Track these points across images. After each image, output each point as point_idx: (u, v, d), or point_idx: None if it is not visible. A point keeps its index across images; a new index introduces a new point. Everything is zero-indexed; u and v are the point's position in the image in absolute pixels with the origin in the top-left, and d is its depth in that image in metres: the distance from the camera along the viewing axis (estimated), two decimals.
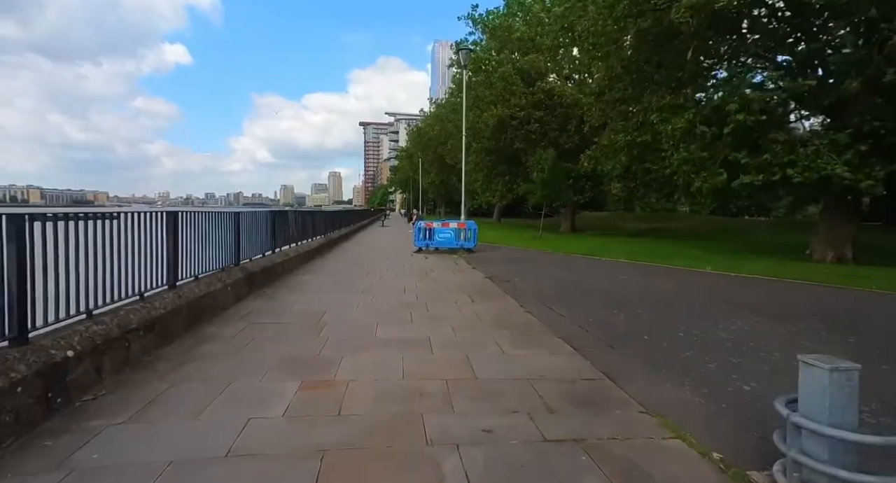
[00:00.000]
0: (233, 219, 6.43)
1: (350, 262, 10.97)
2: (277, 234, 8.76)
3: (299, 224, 10.82)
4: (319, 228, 13.38)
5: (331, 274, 9.00)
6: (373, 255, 12.65)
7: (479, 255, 12.85)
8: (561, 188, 18.80)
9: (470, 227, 13.55)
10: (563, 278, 8.79)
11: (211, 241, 5.61)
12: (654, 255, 12.33)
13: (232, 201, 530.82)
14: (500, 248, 15.43)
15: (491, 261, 11.67)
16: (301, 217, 11.13)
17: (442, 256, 12.73)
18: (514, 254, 13.59)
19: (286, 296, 6.63)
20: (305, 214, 11.68)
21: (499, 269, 10.15)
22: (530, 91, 21.39)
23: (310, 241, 11.73)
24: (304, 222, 11.35)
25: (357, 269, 9.69)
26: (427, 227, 13.59)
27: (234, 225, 6.45)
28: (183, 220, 4.88)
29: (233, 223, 6.40)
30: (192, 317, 4.60)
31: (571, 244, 16.09)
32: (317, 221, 12.90)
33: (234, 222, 6.45)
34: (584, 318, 5.56)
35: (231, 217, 6.39)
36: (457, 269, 10.25)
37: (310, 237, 11.93)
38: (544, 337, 4.76)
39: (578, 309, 6.12)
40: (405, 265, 10.65)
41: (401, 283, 8.01)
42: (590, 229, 26.64)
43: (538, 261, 11.74)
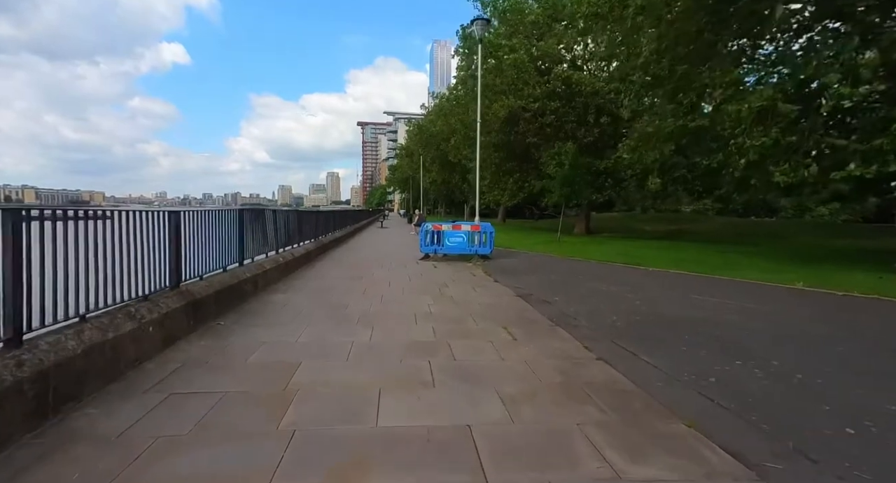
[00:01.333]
0: (170, 221, 4.44)
1: (344, 274, 8.98)
2: (248, 241, 6.77)
3: (282, 227, 8.83)
4: (308, 232, 11.39)
5: (318, 291, 7.00)
6: (372, 264, 10.66)
7: (498, 263, 10.88)
8: (582, 186, 16.84)
9: (485, 230, 11.59)
10: (619, 298, 6.82)
11: (124, 255, 3.62)
12: (708, 264, 10.36)
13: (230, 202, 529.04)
14: (518, 253, 13.47)
15: (514, 271, 9.70)
16: (285, 218, 9.14)
17: (454, 265, 10.76)
18: (538, 261, 11.62)
19: (247, 332, 4.64)
20: (290, 215, 9.69)
21: (528, 282, 8.18)
22: (545, 80, 19.44)
23: (296, 248, 9.74)
24: (289, 224, 9.36)
25: (352, 285, 7.70)
26: (435, 230, 11.61)
27: (172, 230, 4.45)
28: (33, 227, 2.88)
29: (169, 227, 4.41)
30: (49, 396, 2.59)
31: (597, 249, 14.12)
32: (305, 223, 10.91)
33: (172, 225, 4.46)
34: (698, 375, 3.60)
35: (167, 219, 4.40)
36: (476, 282, 8.27)
37: (296, 242, 9.95)
38: (660, 421, 2.80)
39: (675, 355, 4.15)
40: (412, 277, 8.67)
41: (409, 306, 6.03)
42: (605, 231, 24.70)
43: (571, 270, 9.78)
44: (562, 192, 16.14)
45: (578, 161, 16.26)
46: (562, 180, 16.05)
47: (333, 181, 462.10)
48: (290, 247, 9.43)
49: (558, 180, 16.22)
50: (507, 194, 23.84)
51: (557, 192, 16.32)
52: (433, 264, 10.77)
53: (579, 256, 12.10)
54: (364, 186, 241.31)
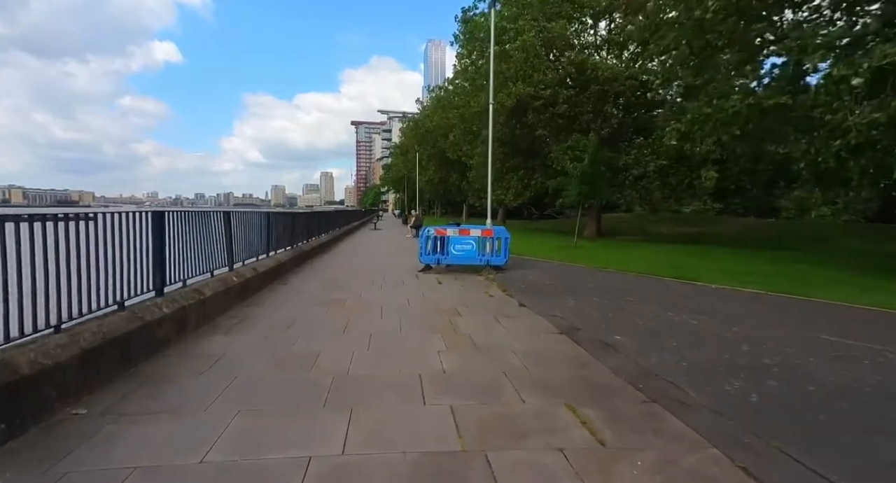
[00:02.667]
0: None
1: (322, 296, 6.90)
2: (175, 256, 4.67)
3: (241, 234, 6.73)
4: (283, 237, 9.29)
5: (279, 328, 4.92)
6: (361, 279, 8.59)
7: (516, 277, 8.86)
8: (602, 183, 14.85)
9: (499, 236, 9.56)
10: (713, 339, 4.82)
11: None
12: (781, 279, 8.37)
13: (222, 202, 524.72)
14: (534, 262, 11.44)
15: (539, 288, 7.68)
16: (245, 223, 7.03)
17: (462, 279, 8.72)
18: (563, 273, 9.59)
19: (118, 436, 2.56)
20: (254, 218, 7.56)
21: (565, 307, 6.17)
22: (556, 65, 17.46)
23: (262, 260, 7.64)
24: (251, 231, 7.25)
25: (331, 314, 5.64)
26: (438, 236, 9.55)
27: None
28: None
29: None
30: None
31: (626, 256, 12.13)
32: (278, 227, 8.80)
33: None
34: None
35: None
36: (496, 307, 6.23)
37: (264, 252, 7.86)
38: None
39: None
40: (412, 300, 6.61)
41: (410, 358, 3.99)
42: (617, 234, 22.76)
43: (612, 288, 7.74)
44: (580, 190, 14.14)
45: (599, 155, 14.25)
46: (580, 177, 14.05)
47: (327, 181, 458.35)
48: (254, 259, 7.33)
49: (576, 177, 14.22)
50: (512, 193, 21.83)
51: (575, 191, 14.31)
52: (436, 278, 8.72)
53: (611, 267, 10.09)
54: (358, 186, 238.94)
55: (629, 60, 17.39)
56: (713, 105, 9.65)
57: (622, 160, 16.11)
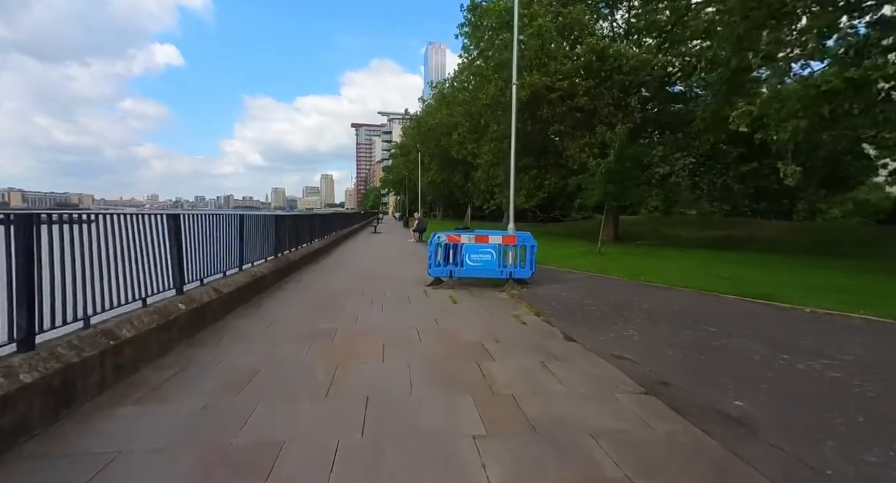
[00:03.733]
0: None
1: (302, 328, 5.30)
2: (69, 279, 3.07)
3: (197, 244, 5.11)
4: (259, 247, 7.69)
5: (229, 389, 3.30)
6: (355, 298, 7.00)
7: (546, 293, 7.27)
8: (631, 181, 13.22)
9: (523, 243, 7.96)
10: (890, 404, 3.21)
11: None
12: (867, 294, 6.78)
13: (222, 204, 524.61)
14: (560, 273, 9.83)
15: (583, 312, 6.07)
16: (206, 229, 5.41)
17: (481, 296, 7.13)
18: (602, 288, 7.98)
19: None
20: (220, 222, 5.92)
21: (629, 342, 4.57)
22: (574, 53, 15.91)
23: (232, 277, 6.05)
24: (211, 239, 5.62)
25: (309, 361, 4.03)
26: (451, 244, 7.95)
27: None
28: None
29: None
30: None
31: (666, 267, 10.52)
32: (253, 236, 7.18)
33: None
34: None
35: None
36: (538, 343, 4.61)
37: (232, 267, 6.25)
38: None
39: None
40: (423, 331, 5.00)
41: (431, 460, 2.37)
42: (636, 238, 21.16)
43: (678, 311, 6.10)
44: (605, 190, 12.53)
45: (627, 151, 12.63)
46: (606, 175, 12.44)
47: (327, 184, 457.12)
48: (220, 275, 5.73)
49: (600, 175, 12.61)
50: (524, 194, 20.20)
51: (599, 191, 12.69)
52: (450, 295, 7.11)
53: (655, 279, 8.46)
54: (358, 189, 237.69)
55: (654, 48, 15.80)
56: (800, 81, 7.97)
57: (650, 156, 14.48)
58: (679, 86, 17.69)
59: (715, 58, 11.19)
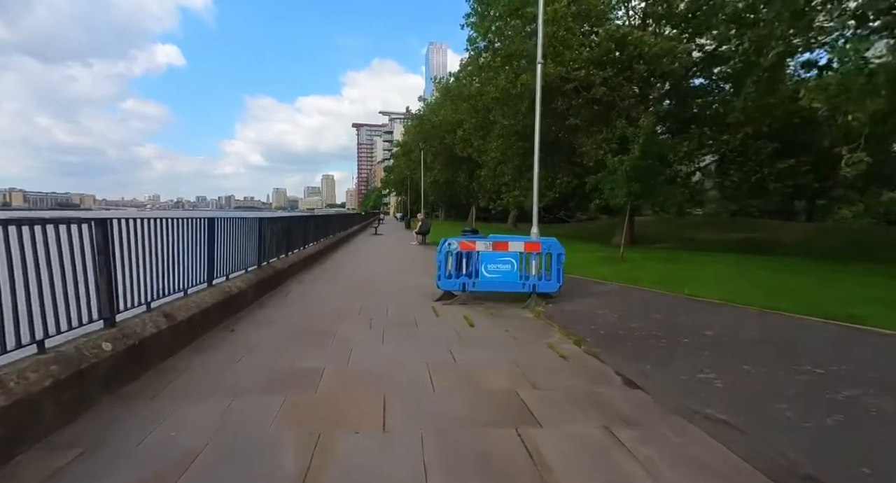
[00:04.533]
0: None
1: (276, 368, 4.13)
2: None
3: (140, 258, 3.92)
4: (246, 254, 6.53)
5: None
6: (349, 319, 5.83)
7: (577, 311, 6.07)
8: (657, 179, 11.99)
9: (549, 250, 6.77)
10: None
11: None
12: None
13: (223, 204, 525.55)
14: (585, 283, 8.63)
15: (632, 340, 4.86)
16: (155, 238, 4.22)
17: (501, 315, 5.96)
18: (643, 304, 6.78)
19: None
20: (181, 228, 4.71)
21: (715, 394, 3.37)
22: (591, 41, 14.71)
23: (190, 296, 4.87)
24: (163, 252, 4.40)
25: (278, 433, 2.84)
26: (464, 251, 6.77)
27: None
28: None
29: None
30: None
31: (703, 276, 9.30)
32: (224, 242, 5.98)
33: None
34: None
35: None
36: (589, 392, 3.40)
37: (198, 283, 5.07)
38: None
39: None
40: (435, 377, 3.77)
41: None
42: (652, 241, 19.95)
43: (753, 339, 4.85)
44: (629, 188, 11.29)
45: (653, 147, 11.39)
46: (630, 173, 11.22)
47: (329, 184, 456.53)
48: (178, 295, 4.55)
49: (623, 172, 11.39)
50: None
51: (622, 190, 11.46)
52: (464, 314, 5.92)
53: (703, 293, 7.21)
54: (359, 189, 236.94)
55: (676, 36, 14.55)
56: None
57: (676, 152, 13.24)
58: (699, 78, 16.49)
59: (760, 41, 9.99)
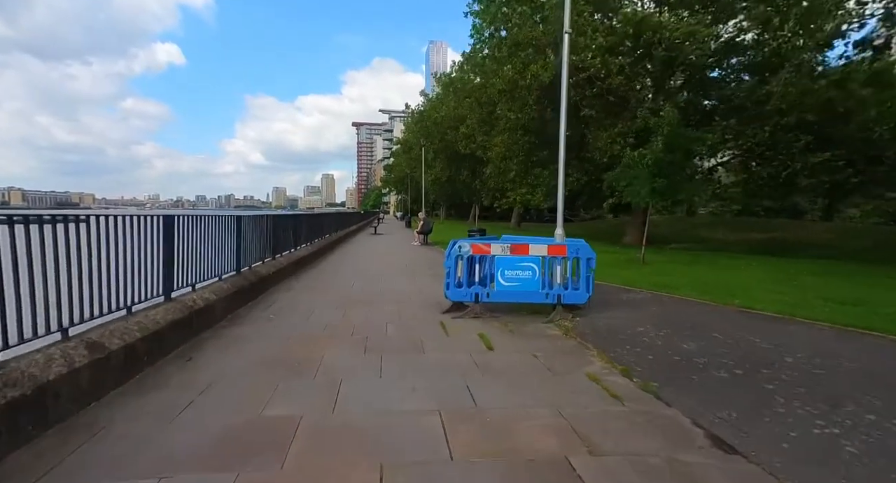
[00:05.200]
0: None
1: (233, 424, 3.12)
2: None
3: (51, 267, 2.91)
4: (228, 257, 5.52)
5: None
6: (339, 341, 4.85)
7: (612, 327, 5.07)
8: (681, 175, 10.94)
9: (577, 254, 5.73)
10: None
11: None
12: None
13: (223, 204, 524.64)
14: (611, 290, 7.60)
15: (705, 375, 3.83)
16: (92, 242, 3.21)
17: (523, 333, 4.96)
18: (687, 318, 5.76)
19: None
20: (134, 227, 3.69)
21: (844, 468, 2.35)
22: (607, 27, 13.68)
23: (136, 316, 3.85)
24: (83, 258, 3.37)
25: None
26: (476, 256, 5.76)
27: None
28: None
29: None
30: None
31: (743, 281, 8.30)
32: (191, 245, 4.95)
33: None
34: None
35: None
36: (681, 472, 2.40)
37: (160, 295, 4.05)
38: None
39: None
40: (453, 432, 2.75)
41: None
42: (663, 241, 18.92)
43: (851, 370, 3.90)
44: (653, 185, 10.25)
45: (679, 139, 10.32)
46: (653, 168, 10.18)
47: (328, 183, 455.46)
48: (115, 315, 3.54)
49: (646, 168, 10.35)
50: (541, 192, 17.96)
51: (645, 187, 10.40)
52: (479, 333, 4.91)
53: (756, 304, 6.21)
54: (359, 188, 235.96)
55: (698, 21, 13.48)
56: None
57: (706, 143, 12.14)
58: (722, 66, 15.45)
59: (807, 15, 9.02)
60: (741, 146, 13.29)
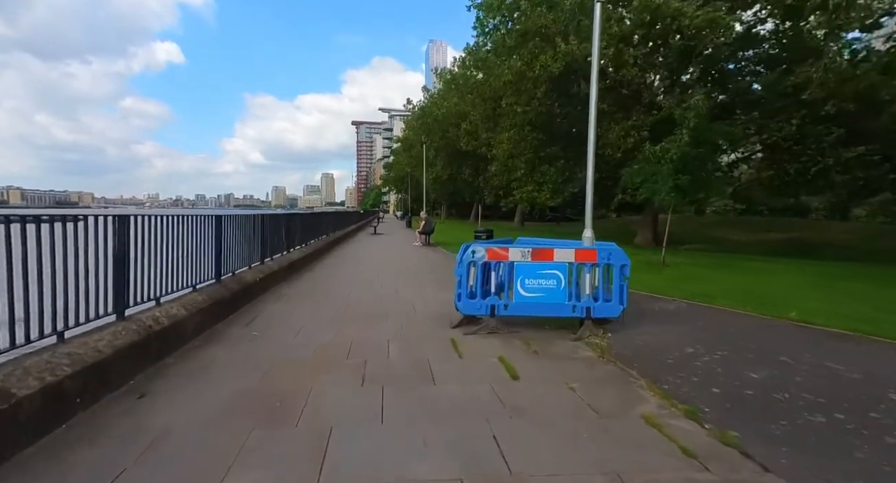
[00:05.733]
0: None
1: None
2: None
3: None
4: (208, 262, 4.72)
5: None
6: (333, 372, 4.06)
7: (662, 351, 4.27)
8: (707, 171, 10.09)
9: (608, 260, 4.92)
10: None
11: None
12: None
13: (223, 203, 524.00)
14: (646, 301, 6.80)
15: (801, 422, 3.04)
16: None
17: (551, 356, 4.17)
18: (751, 337, 4.98)
19: None
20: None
21: None
22: (620, 16, 12.87)
23: (88, 339, 3.05)
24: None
25: None
26: (492, 262, 4.97)
27: None
28: None
29: None
30: None
31: (783, 289, 7.52)
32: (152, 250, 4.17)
33: None
34: None
35: None
36: None
37: (109, 314, 3.25)
38: None
39: None
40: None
41: None
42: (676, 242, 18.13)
43: None
44: (677, 182, 9.43)
45: (706, 131, 9.46)
46: (677, 164, 9.37)
47: (328, 182, 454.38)
48: (45, 340, 2.74)
49: (669, 164, 9.55)
50: (548, 190, 17.14)
51: (667, 184, 9.60)
52: (499, 357, 4.11)
53: (817, 319, 5.41)
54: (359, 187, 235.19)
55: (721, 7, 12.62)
56: None
57: (735, 137, 11.30)
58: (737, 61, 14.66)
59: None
60: (765, 141, 12.54)
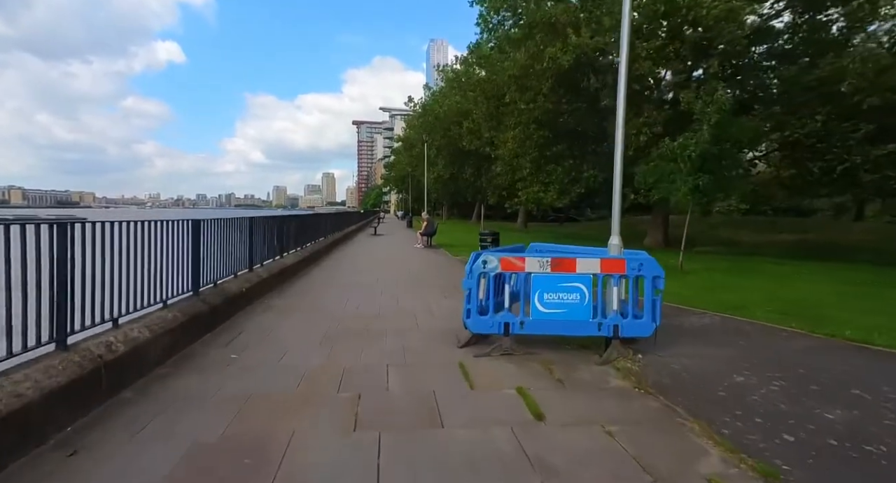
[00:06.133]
0: None
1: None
2: None
3: None
4: (177, 276, 4.08)
5: None
6: (318, 412, 3.42)
7: (709, 382, 3.64)
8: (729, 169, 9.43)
9: (641, 270, 4.29)
10: None
11: None
12: None
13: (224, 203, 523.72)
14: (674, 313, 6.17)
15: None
16: None
17: (577, 386, 3.53)
18: (814, 365, 4.36)
19: None
20: None
21: None
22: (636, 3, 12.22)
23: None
24: None
25: None
26: (506, 273, 4.34)
27: None
28: None
29: None
30: None
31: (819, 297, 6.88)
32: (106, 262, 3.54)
33: None
34: None
35: None
36: None
37: (48, 342, 2.63)
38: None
39: None
40: None
41: None
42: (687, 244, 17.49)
43: None
44: (697, 182, 8.77)
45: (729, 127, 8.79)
46: (697, 161, 8.72)
47: (329, 182, 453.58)
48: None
49: (689, 161, 8.89)
50: (555, 191, 16.49)
51: (686, 185, 8.94)
52: (518, 389, 3.48)
53: (878, 339, 4.79)
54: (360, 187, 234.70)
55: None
56: None
57: (759, 133, 10.64)
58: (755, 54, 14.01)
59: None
60: (786, 138, 11.90)
